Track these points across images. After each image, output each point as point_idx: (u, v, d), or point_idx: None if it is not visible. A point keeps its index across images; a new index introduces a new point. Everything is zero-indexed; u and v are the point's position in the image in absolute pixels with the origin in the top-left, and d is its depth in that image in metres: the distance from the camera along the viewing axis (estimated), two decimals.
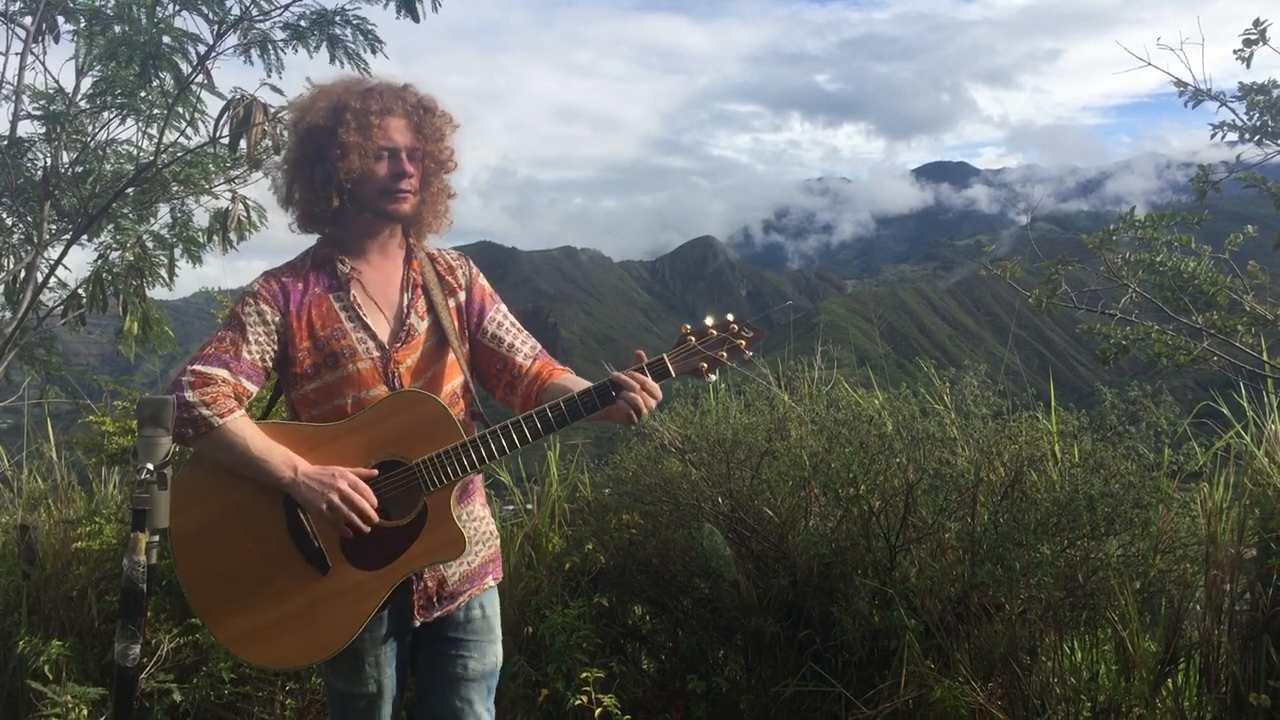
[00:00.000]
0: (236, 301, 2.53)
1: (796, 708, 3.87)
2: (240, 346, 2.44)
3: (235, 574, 2.42)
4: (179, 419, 2.33)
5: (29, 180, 5.50)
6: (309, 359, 2.49)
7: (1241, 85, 4.27)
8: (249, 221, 5.61)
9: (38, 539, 4.53)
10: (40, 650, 3.98)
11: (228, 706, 4.06)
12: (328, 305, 2.52)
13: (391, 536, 2.42)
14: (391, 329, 2.55)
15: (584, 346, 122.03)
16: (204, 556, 2.44)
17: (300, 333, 2.49)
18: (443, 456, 2.39)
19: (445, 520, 2.42)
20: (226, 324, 2.49)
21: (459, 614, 2.63)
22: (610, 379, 2.40)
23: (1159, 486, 3.57)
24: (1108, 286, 4.47)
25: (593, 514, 4.50)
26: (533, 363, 2.68)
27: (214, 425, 2.36)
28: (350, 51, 5.05)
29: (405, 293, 2.60)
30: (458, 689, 2.62)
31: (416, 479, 2.41)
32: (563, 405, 2.41)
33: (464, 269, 2.71)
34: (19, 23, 5.29)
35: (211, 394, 2.37)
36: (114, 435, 4.31)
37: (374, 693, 2.53)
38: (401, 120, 2.52)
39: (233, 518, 2.44)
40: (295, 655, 2.48)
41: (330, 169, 2.46)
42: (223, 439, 2.37)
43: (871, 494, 3.85)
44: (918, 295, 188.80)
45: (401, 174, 2.51)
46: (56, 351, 6.36)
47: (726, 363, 2.46)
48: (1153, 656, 3.59)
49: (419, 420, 2.43)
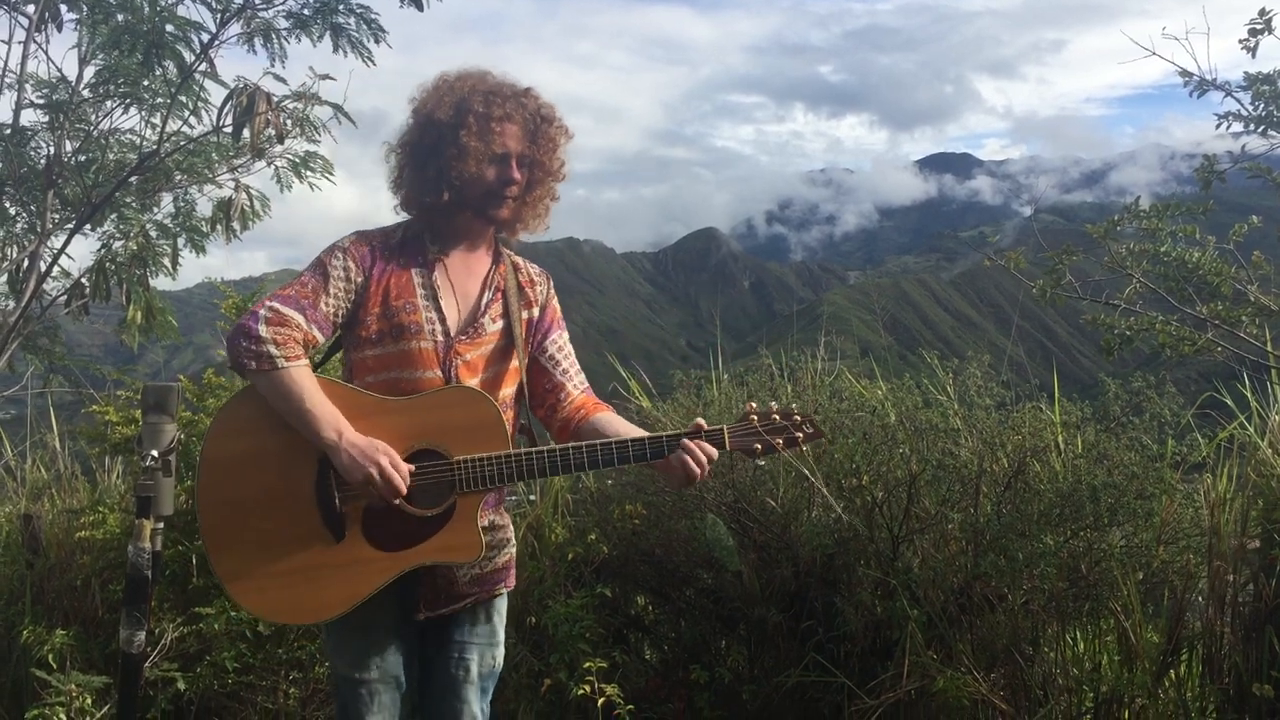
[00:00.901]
0: (327, 248, 2.54)
1: (799, 698, 3.88)
2: (320, 296, 2.45)
3: (251, 513, 2.41)
4: (245, 349, 2.34)
5: (32, 169, 5.50)
6: (376, 325, 2.50)
7: (1247, 75, 4.26)
8: (252, 211, 5.61)
9: (41, 528, 4.54)
10: (44, 639, 3.99)
11: (231, 695, 4.07)
12: (408, 278, 2.54)
13: (413, 524, 2.42)
14: (463, 320, 2.58)
15: (587, 338, 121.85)
16: (226, 486, 2.42)
17: (375, 297, 2.51)
18: (484, 461, 2.41)
19: (469, 523, 2.43)
20: (311, 269, 2.49)
21: (465, 616, 2.64)
22: (671, 436, 2.45)
23: (1162, 477, 3.56)
24: (1112, 277, 4.47)
25: (595, 504, 4.50)
26: (580, 393, 2.72)
27: (278, 367, 2.35)
28: (354, 40, 5.05)
29: (486, 291, 2.63)
30: (457, 690, 2.64)
31: (452, 475, 2.42)
32: (614, 447, 2.45)
33: (544, 286, 2.76)
34: (22, 11, 5.29)
35: (284, 335, 2.37)
36: (117, 425, 4.31)
37: (375, 679, 2.54)
38: (518, 128, 2.55)
39: (265, 460, 2.42)
40: (285, 611, 2.49)
41: (444, 165, 2.50)
42: (281, 383, 2.35)
43: (875, 484, 3.85)
44: (921, 286, 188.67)
45: (509, 181, 2.55)
46: (60, 341, 6.36)
47: (781, 451, 2.50)
48: (1155, 647, 3.60)
49: (472, 419, 2.44)
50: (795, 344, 4.95)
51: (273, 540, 2.40)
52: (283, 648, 4.05)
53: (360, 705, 2.55)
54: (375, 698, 2.55)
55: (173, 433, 2.49)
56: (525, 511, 4.44)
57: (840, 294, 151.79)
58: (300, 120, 5.21)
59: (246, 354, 2.34)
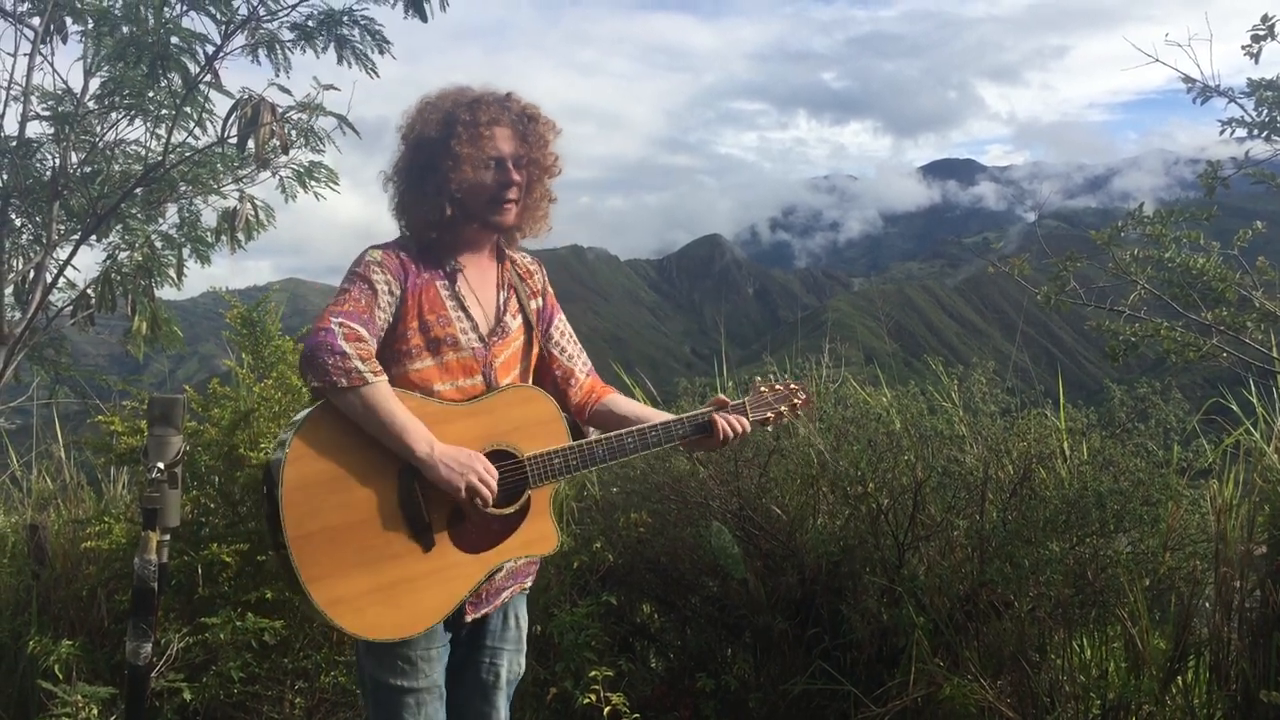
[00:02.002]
0: (357, 263, 2.51)
1: (805, 706, 3.87)
2: (374, 310, 2.44)
3: (343, 538, 2.36)
4: (335, 366, 2.30)
5: (38, 181, 5.52)
6: (414, 339, 2.52)
7: (1250, 81, 4.26)
8: (257, 221, 5.63)
9: (47, 539, 4.54)
10: (50, 650, 3.99)
11: (237, 706, 4.07)
12: (435, 291, 2.56)
13: (495, 524, 2.48)
14: (490, 324, 2.62)
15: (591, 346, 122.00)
16: (315, 517, 2.35)
17: (412, 310, 2.52)
18: (552, 455, 2.52)
19: (543, 516, 2.55)
20: (355, 284, 2.46)
21: (495, 620, 2.67)
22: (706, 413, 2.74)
23: (1168, 483, 3.56)
24: (1116, 283, 4.47)
25: (601, 512, 4.50)
26: (587, 376, 2.83)
27: (368, 381, 2.33)
28: (358, 52, 5.07)
29: (501, 291, 2.68)
30: (487, 695, 2.67)
31: (525, 472, 2.49)
32: (661, 429, 2.67)
33: (540, 274, 2.82)
34: (27, 23, 5.31)
35: (365, 349, 2.36)
36: (123, 435, 4.32)
37: (424, 688, 2.52)
38: (508, 129, 2.58)
39: (348, 482, 2.38)
40: (385, 626, 2.41)
41: (443, 179, 2.52)
42: (370, 398, 2.33)
43: (880, 492, 3.85)
44: (925, 293, 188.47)
45: (509, 183, 2.57)
46: (65, 352, 6.37)
47: (787, 418, 2.91)
48: (1162, 654, 3.59)
49: (533, 416, 2.55)
50: (800, 351, 4.96)
51: (366, 560, 2.38)
52: (289, 657, 4.05)
53: (406, 715, 2.52)
54: (423, 708, 2.53)
55: (178, 445, 2.49)
56: None
57: (844, 301, 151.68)
58: (304, 130, 5.23)
59: (336, 370, 2.30)
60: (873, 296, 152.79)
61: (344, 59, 5.05)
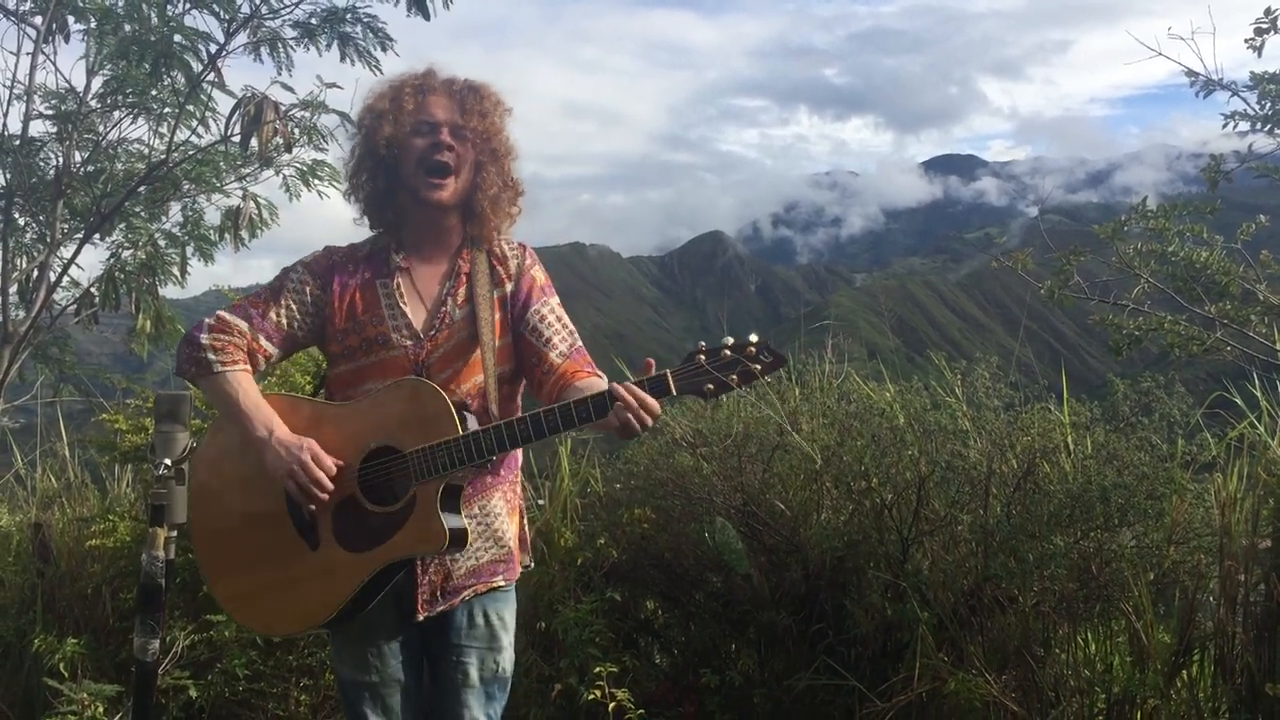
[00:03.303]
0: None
1: (810, 701, 3.87)
2: (270, 306, 2.54)
3: (235, 537, 2.53)
4: (187, 356, 2.47)
5: (41, 180, 5.52)
6: (346, 340, 2.54)
7: (1253, 74, 4.26)
8: (260, 219, 5.63)
9: (51, 537, 4.55)
10: (55, 648, 4.00)
11: (242, 703, 4.08)
12: (372, 292, 2.56)
13: (379, 522, 2.42)
14: (425, 320, 2.55)
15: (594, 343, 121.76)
16: (211, 517, 2.56)
17: (340, 313, 2.54)
18: (435, 449, 2.35)
19: (430, 513, 2.37)
20: (269, 282, 2.59)
21: (460, 618, 2.60)
22: (608, 389, 2.28)
23: (1172, 477, 3.55)
24: (1119, 277, 4.46)
25: (604, 509, 4.50)
26: (564, 360, 2.57)
27: (213, 371, 2.45)
28: (361, 49, 5.06)
29: (447, 282, 2.59)
30: (457, 693, 2.63)
31: (409, 467, 2.39)
32: (557, 412, 2.31)
33: (516, 258, 2.65)
34: (29, 22, 5.31)
35: (224, 341, 2.47)
36: (127, 433, 4.33)
37: (376, 682, 2.56)
38: (444, 98, 2.54)
39: (240, 483, 2.53)
40: (279, 622, 2.59)
41: (379, 153, 2.52)
42: (217, 387, 2.46)
43: (884, 487, 3.85)
44: (927, 288, 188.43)
45: (439, 145, 2.49)
46: (70, 350, 6.37)
47: (736, 386, 2.25)
48: (1167, 648, 3.59)
49: (418, 410, 2.41)
50: (802, 347, 4.95)
51: (256, 558, 2.50)
52: (293, 655, 4.06)
53: (364, 707, 2.57)
54: (378, 701, 2.57)
55: (185, 441, 2.51)
56: (534, 516, 4.44)
57: (846, 296, 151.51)
58: (308, 129, 5.23)
59: (186, 360, 2.47)
60: (875, 292, 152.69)
61: (347, 56, 5.05)
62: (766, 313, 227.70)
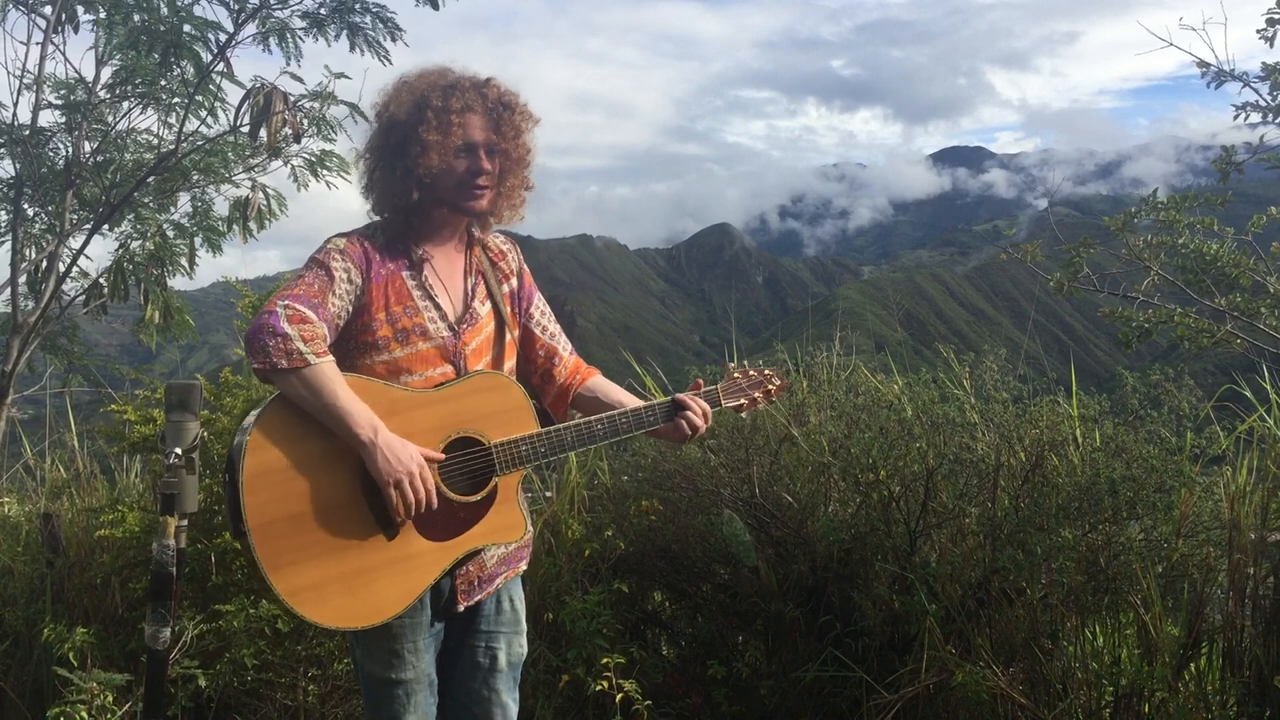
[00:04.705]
0: (319, 250, 2.49)
1: (817, 693, 3.88)
2: (328, 296, 2.40)
3: (305, 526, 2.33)
4: (275, 347, 2.26)
5: (51, 170, 5.54)
6: (382, 330, 2.48)
7: (1265, 66, 4.24)
8: (269, 210, 5.64)
9: (61, 527, 4.57)
10: (65, 638, 4.02)
11: (251, 692, 4.09)
12: (402, 281, 2.53)
13: (460, 512, 2.45)
14: (458, 312, 2.59)
15: (601, 335, 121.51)
16: (275, 504, 2.31)
17: (377, 302, 2.49)
18: (520, 441, 2.48)
19: (510, 503, 2.51)
20: (312, 270, 2.44)
21: (489, 605, 2.65)
22: (675, 399, 2.67)
23: (1181, 470, 3.54)
24: (1128, 269, 4.45)
25: (612, 501, 4.51)
26: (571, 355, 2.80)
27: (309, 363, 2.27)
28: (370, 40, 5.07)
29: (469, 278, 2.64)
30: (486, 679, 2.64)
31: (491, 459, 2.46)
32: (630, 415, 2.63)
33: (513, 255, 2.78)
34: (39, 13, 5.32)
35: (309, 332, 2.30)
36: (135, 424, 4.34)
37: (411, 679, 2.52)
38: (480, 117, 2.53)
39: (308, 468, 2.35)
40: (348, 616, 2.37)
41: (411, 164, 2.48)
42: (313, 379, 2.28)
43: (891, 479, 3.85)
44: (935, 281, 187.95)
45: (479, 171, 2.52)
46: (78, 341, 6.40)
47: (760, 404, 2.90)
48: (1175, 640, 3.58)
49: (500, 403, 2.50)
50: (810, 339, 4.94)
51: (329, 548, 2.34)
52: (302, 645, 4.07)
53: (396, 707, 2.52)
54: (411, 698, 2.53)
55: (196, 430, 2.50)
56: (542, 508, 4.45)
57: (854, 289, 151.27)
58: (316, 119, 5.24)
59: (276, 351, 2.25)
60: (883, 285, 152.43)
61: (356, 46, 5.06)
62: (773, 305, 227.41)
